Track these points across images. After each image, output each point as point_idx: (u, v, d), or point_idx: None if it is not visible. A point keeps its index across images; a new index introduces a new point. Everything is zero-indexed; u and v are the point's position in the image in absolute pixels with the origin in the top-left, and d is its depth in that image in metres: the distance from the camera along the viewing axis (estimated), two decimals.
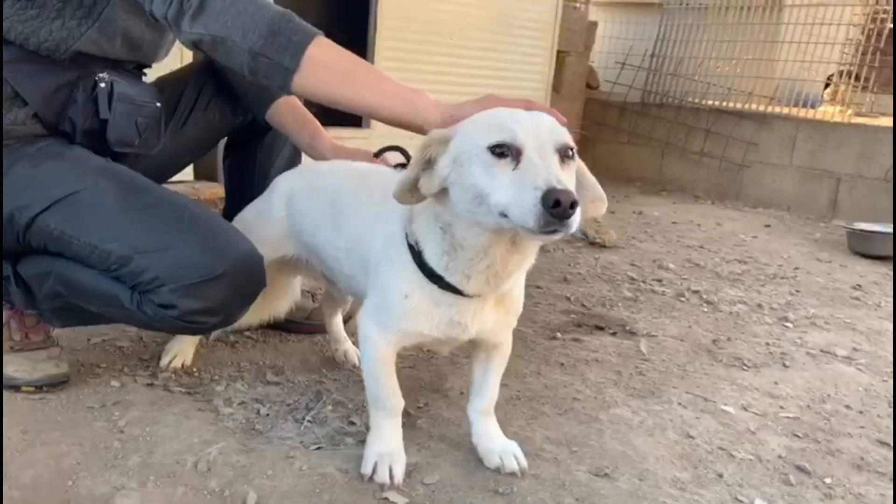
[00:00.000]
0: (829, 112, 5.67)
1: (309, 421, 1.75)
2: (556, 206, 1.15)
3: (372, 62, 3.86)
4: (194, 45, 1.50)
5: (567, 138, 1.28)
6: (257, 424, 1.71)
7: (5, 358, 1.74)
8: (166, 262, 1.55)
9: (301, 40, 1.43)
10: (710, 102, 5.96)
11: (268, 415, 1.77)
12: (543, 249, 3.77)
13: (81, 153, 1.70)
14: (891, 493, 1.68)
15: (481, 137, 1.27)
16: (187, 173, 2.88)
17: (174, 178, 2.48)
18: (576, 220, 1.17)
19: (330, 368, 2.09)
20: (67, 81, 1.66)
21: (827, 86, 6.19)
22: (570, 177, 1.28)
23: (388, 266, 1.50)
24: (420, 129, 1.43)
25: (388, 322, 1.50)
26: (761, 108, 5.76)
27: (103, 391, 1.79)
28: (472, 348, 1.63)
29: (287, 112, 2.04)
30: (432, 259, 1.41)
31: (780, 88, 5.81)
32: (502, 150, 1.24)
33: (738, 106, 5.84)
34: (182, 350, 2.00)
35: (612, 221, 4.57)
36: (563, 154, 1.27)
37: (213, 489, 1.44)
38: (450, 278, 1.41)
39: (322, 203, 1.74)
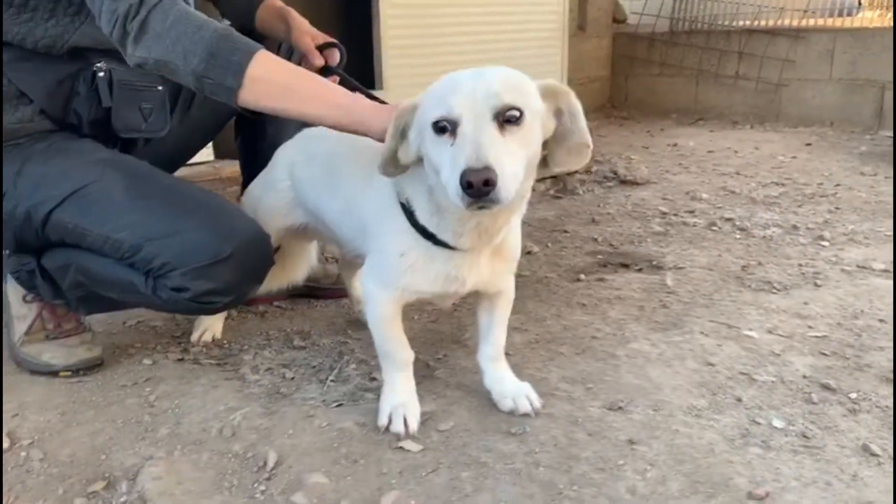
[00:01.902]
0: (867, 18, 5.40)
1: (332, 380, 1.81)
2: (469, 187, 1.16)
3: (377, 12, 3.82)
4: (139, 67, 1.52)
5: (509, 100, 1.24)
6: (282, 388, 1.78)
7: (41, 347, 1.83)
8: (175, 247, 1.61)
9: (240, 60, 1.45)
10: (741, 23, 5.74)
11: (293, 378, 1.83)
12: (572, 192, 3.74)
13: (88, 146, 1.76)
14: None
15: (428, 112, 1.30)
16: (208, 153, 2.94)
17: (195, 159, 2.54)
18: (502, 193, 1.17)
19: (355, 329, 2.13)
20: (68, 74, 1.72)
21: None
22: (511, 142, 1.24)
23: (383, 226, 1.53)
24: (365, 135, 1.48)
25: (388, 280, 1.53)
26: (795, 22, 5.52)
27: (136, 370, 1.88)
28: (475, 297, 1.65)
29: (266, 13, 2.13)
30: (423, 217, 1.44)
31: (814, 0, 5.56)
32: (443, 125, 1.26)
33: (771, 23, 5.61)
34: (211, 324, 2.07)
35: (645, 156, 4.49)
36: (504, 119, 1.24)
37: (237, 452, 1.50)
38: (441, 236, 1.43)
39: (319, 169, 1.77)
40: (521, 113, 1.25)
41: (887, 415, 1.61)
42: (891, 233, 2.92)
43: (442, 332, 2.08)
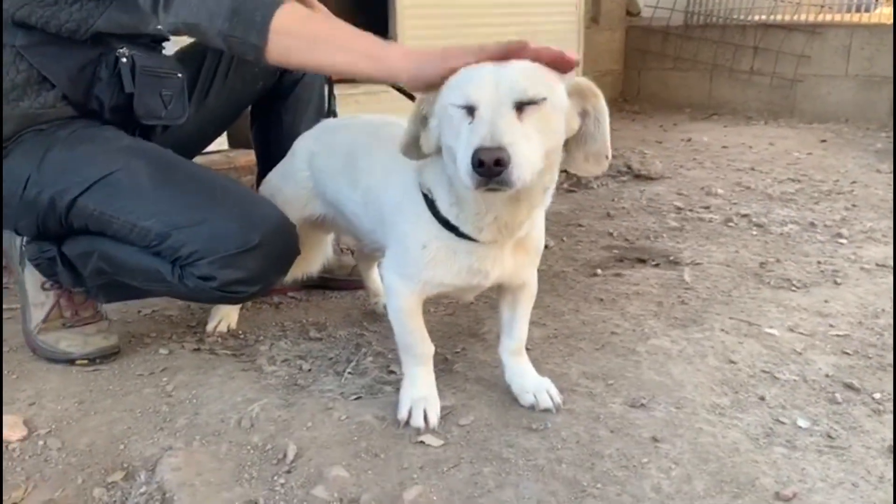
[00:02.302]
0: (885, 14, 5.35)
1: (349, 373, 1.80)
2: (480, 165, 1.14)
3: (394, 3, 3.78)
4: (174, 33, 1.51)
5: (531, 91, 1.22)
6: (299, 380, 1.76)
7: (58, 335, 1.83)
8: (203, 235, 1.60)
9: (264, 15, 1.40)
10: (756, 17, 5.69)
11: (310, 370, 1.82)
12: (586, 186, 3.72)
13: (112, 133, 1.75)
14: None
15: (448, 98, 1.28)
16: (221, 142, 2.92)
17: (209, 148, 2.53)
18: (513, 176, 1.15)
19: (371, 321, 2.12)
20: (90, 60, 1.71)
21: None
22: (530, 128, 1.22)
23: (404, 217, 1.51)
24: (392, 83, 1.46)
25: (410, 272, 1.51)
26: (812, 17, 5.47)
27: (152, 359, 1.87)
28: (497, 291, 1.63)
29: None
30: (444, 208, 1.42)
31: None
32: (463, 110, 1.24)
33: (787, 18, 5.56)
34: (227, 314, 2.06)
35: (659, 151, 4.46)
36: (526, 105, 1.22)
37: (256, 444, 1.49)
38: (463, 228, 1.41)
39: (339, 159, 1.75)
40: (544, 98, 1.23)
41: None
42: None
43: (459, 325, 2.07)
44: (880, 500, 1.31)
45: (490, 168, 1.15)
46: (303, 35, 1.43)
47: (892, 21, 5.15)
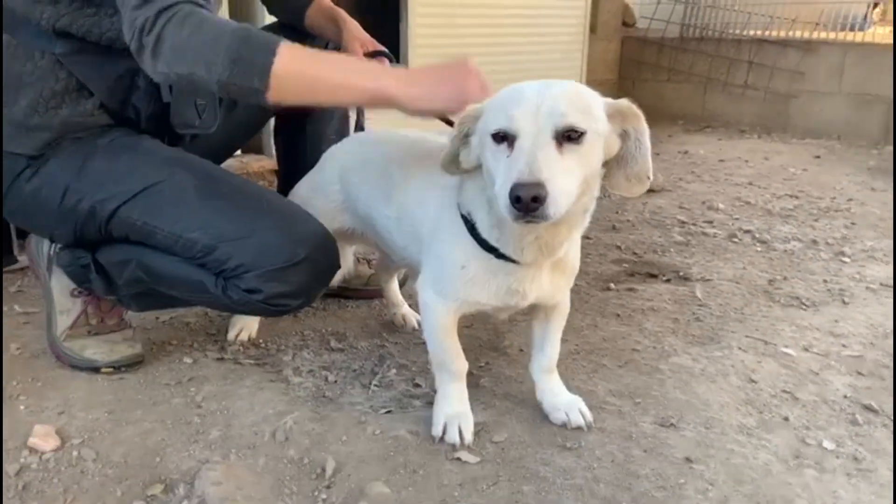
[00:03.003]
0: (878, 34, 5.45)
1: (375, 385, 1.80)
2: (518, 201, 1.16)
3: (406, 16, 3.81)
4: (163, 83, 1.54)
5: (572, 120, 1.23)
6: (327, 392, 1.77)
7: (84, 342, 1.82)
8: (250, 248, 1.60)
9: (264, 61, 1.40)
10: (751, 32, 5.77)
11: (335, 382, 1.83)
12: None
13: (153, 144, 1.75)
14: None
15: (489, 122, 1.30)
16: None
17: None
18: (550, 209, 1.17)
19: (390, 332, 2.13)
20: (128, 69, 1.70)
21: (875, 6, 5.93)
22: (570, 162, 1.24)
23: (443, 236, 1.52)
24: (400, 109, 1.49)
25: (447, 291, 1.52)
26: (806, 34, 5.56)
27: (177, 368, 1.87)
28: (530, 310, 1.64)
29: (317, 13, 2.13)
30: (484, 230, 1.43)
31: (825, 13, 5.59)
32: (502, 136, 1.26)
33: (782, 34, 5.64)
34: (247, 323, 2.06)
35: (658, 163, 4.50)
36: (565, 137, 1.24)
37: (293, 458, 1.50)
38: (503, 250, 1.42)
39: (373, 174, 1.76)
40: (583, 133, 1.25)
41: None
42: None
43: (480, 338, 2.09)
44: None
45: (527, 204, 1.17)
46: (305, 76, 1.45)
47: (885, 41, 5.25)
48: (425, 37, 3.82)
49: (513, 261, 1.44)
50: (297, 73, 1.44)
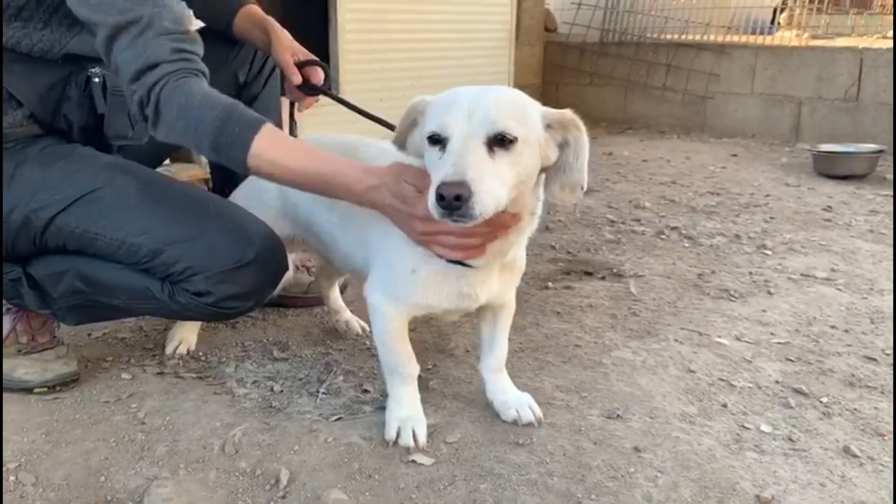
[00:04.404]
0: (786, 37, 5.73)
1: (323, 393, 1.79)
2: (442, 199, 1.19)
3: (335, 17, 3.78)
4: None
5: (503, 127, 1.25)
6: (274, 402, 1.75)
7: (14, 362, 1.74)
8: (199, 250, 1.58)
9: (245, 139, 1.47)
10: (668, 36, 5.98)
11: (282, 391, 1.80)
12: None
13: (88, 152, 1.70)
14: (884, 405, 1.77)
15: (426, 125, 1.33)
16: None
17: None
18: (475, 209, 1.19)
19: (334, 339, 2.12)
20: (60, 79, 1.65)
21: (782, 10, 6.23)
22: (500, 166, 1.26)
23: (393, 241, 1.51)
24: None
25: (398, 295, 1.53)
26: (720, 38, 5.79)
27: (115, 384, 1.81)
28: (477, 310, 1.66)
29: (245, 20, 2.10)
30: None
31: (736, 17, 5.84)
32: (437, 139, 1.29)
33: (697, 38, 5.86)
34: (185, 336, 2.01)
35: None
36: (497, 142, 1.26)
37: (245, 470, 1.47)
38: None
39: None
40: (515, 139, 1.27)
41: (857, 417, 1.72)
42: (824, 242, 3.11)
43: (425, 340, 2.09)
44: (846, 498, 1.42)
45: (450, 202, 1.19)
46: (277, 163, 1.49)
47: (792, 44, 5.52)
48: (354, 42, 3.82)
49: (465, 264, 1.45)
50: (270, 158, 1.49)
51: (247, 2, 2.11)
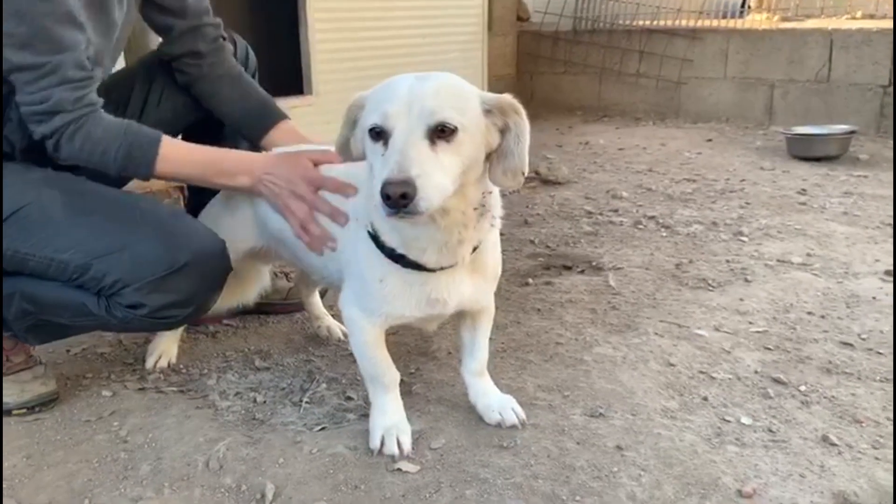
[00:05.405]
0: (756, 20, 5.76)
1: (307, 402, 1.79)
2: (388, 198, 1.19)
3: (304, 16, 3.74)
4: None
5: (442, 117, 1.25)
6: (257, 414, 1.74)
7: None
8: (125, 262, 1.55)
9: (146, 171, 1.67)
10: (641, 23, 5.98)
11: (265, 402, 1.80)
12: (501, 193, 3.81)
13: (18, 167, 1.67)
14: (861, 391, 1.80)
15: (366, 118, 1.32)
16: None
17: None
18: (420, 206, 1.19)
19: (316, 346, 2.11)
20: None
21: None
22: (443, 157, 1.25)
23: (359, 252, 1.52)
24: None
25: (370, 307, 1.52)
26: (691, 23, 5.81)
27: (96, 402, 1.80)
28: (457, 315, 1.66)
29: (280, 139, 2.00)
30: (386, 239, 1.44)
31: (707, 1, 5.86)
32: (378, 133, 1.28)
33: (669, 23, 5.88)
34: (165, 349, 2.00)
35: (561, 155, 4.62)
36: (438, 133, 1.25)
37: (230, 486, 1.47)
38: (409, 255, 1.43)
39: None
40: (455, 129, 1.26)
41: (835, 405, 1.75)
42: (800, 226, 3.14)
43: (407, 344, 2.09)
44: (825, 487, 1.44)
45: (396, 200, 1.19)
46: (178, 172, 1.73)
47: (763, 27, 5.55)
48: (325, 41, 3.78)
49: (422, 267, 1.44)
50: (174, 159, 1.68)
51: (282, 117, 2.04)
